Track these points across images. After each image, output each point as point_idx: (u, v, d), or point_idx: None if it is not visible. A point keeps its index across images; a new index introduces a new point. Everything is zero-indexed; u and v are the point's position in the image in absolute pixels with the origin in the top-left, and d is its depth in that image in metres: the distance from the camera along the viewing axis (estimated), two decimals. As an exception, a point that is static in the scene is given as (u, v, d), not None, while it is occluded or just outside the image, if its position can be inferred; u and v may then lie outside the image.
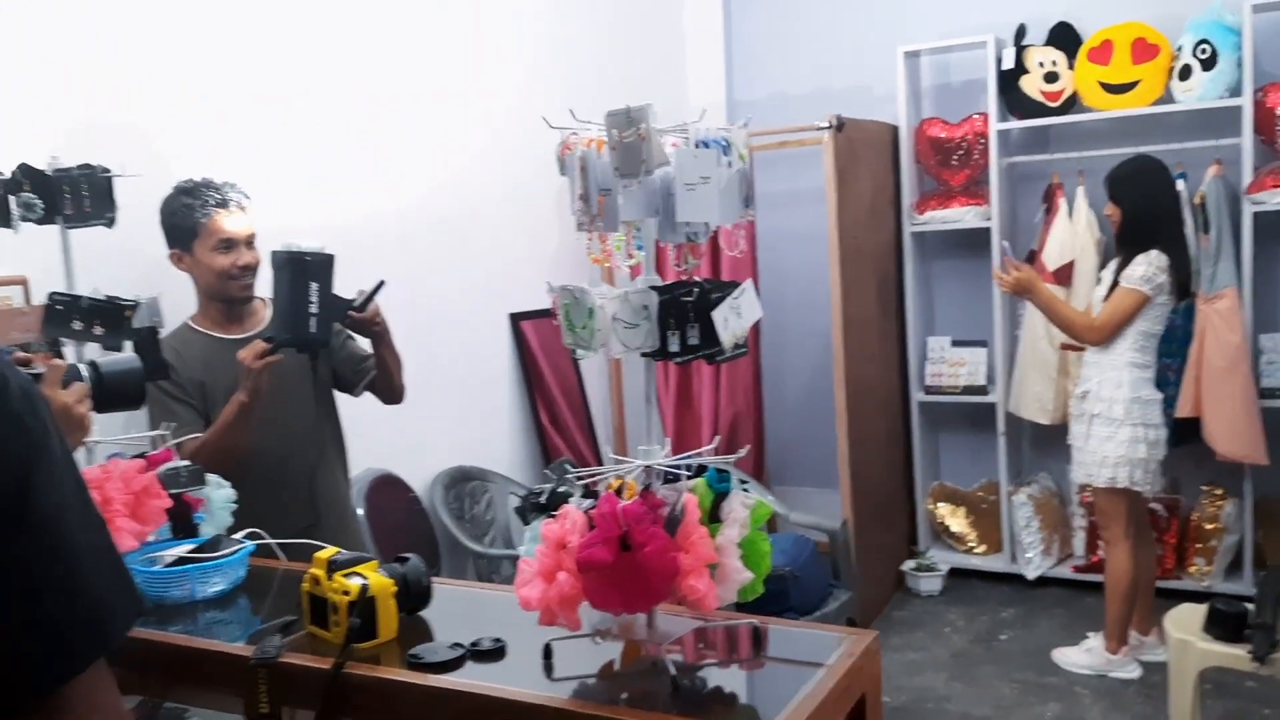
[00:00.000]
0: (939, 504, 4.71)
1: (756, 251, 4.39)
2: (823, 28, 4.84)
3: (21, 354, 1.85)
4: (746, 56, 5.02)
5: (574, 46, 4.21)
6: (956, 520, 4.69)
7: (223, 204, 2.33)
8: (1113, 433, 3.34)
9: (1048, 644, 3.78)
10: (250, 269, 2.38)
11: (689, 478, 1.46)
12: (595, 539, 1.34)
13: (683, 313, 1.38)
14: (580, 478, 1.48)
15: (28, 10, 2.35)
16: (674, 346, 1.39)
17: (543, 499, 1.51)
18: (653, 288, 1.39)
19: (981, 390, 4.53)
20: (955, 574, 4.51)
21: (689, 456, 1.47)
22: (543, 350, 3.97)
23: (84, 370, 1.58)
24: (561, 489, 1.52)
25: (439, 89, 3.55)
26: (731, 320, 1.40)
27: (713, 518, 1.43)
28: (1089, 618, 3.84)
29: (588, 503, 1.44)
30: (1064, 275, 4.17)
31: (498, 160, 3.74)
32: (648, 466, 1.44)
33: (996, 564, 4.51)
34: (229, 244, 2.35)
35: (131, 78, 2.58)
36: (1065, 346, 4.03)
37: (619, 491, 1.43)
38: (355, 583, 1.57)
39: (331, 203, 3.10)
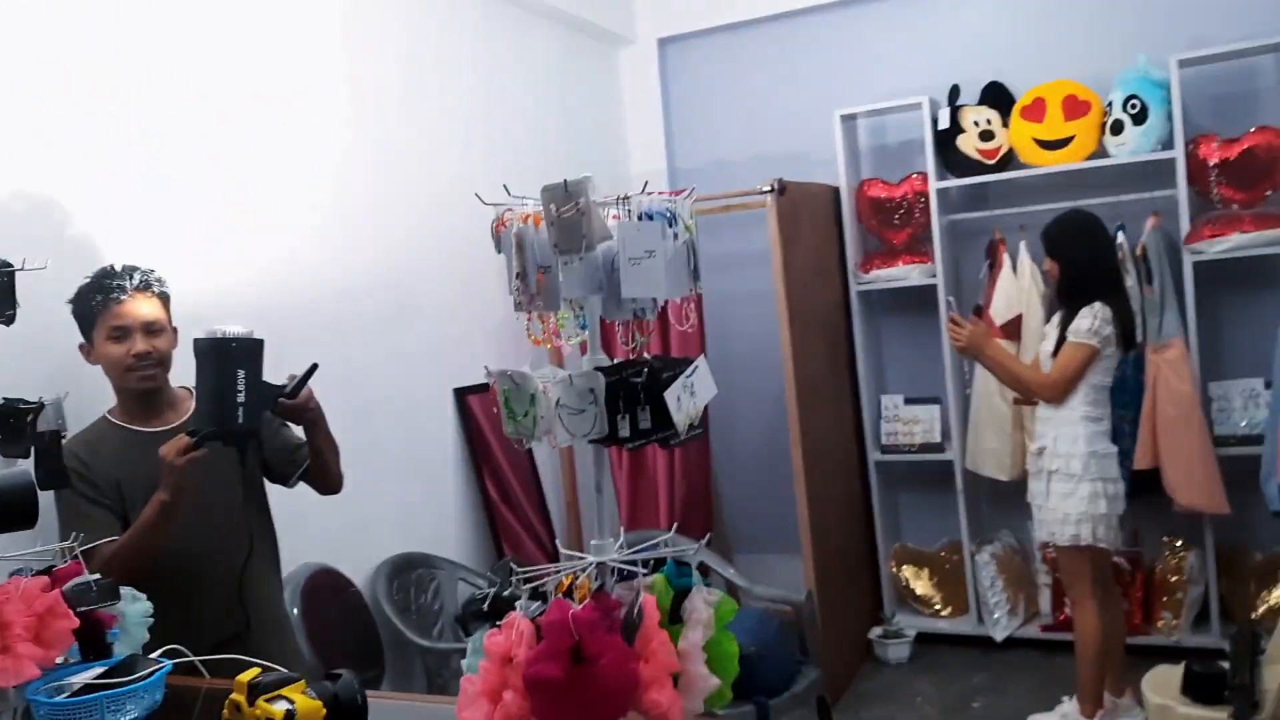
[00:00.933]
0: (903, 566, 4.62)
1: (704, 316, 4.32)
2: (759, 94, 4.85)
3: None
4: (685, 124, 5.02)
5: (512, 119, 4.15)
6: (921, 583, 4.59)
7: (120, 290, 2.19)
8: (1072, 489, 3.29)
9: (1020, 710, 3.67)
10: (149, 357, 2.22)
11: (646, 573, 1.35)
12: (544, 652, 1.21)
13: (632, 394, 1.27)
14: (527, 579, 1.35)
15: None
16: (624, 432, 1.28)
17: (485, 605, 1.38)
18: (599, 369, 1.29)
19: (938, 448, 4.48)
20: (923, 639, 4.40)
21: (645, 549, 1.36)
22: (490, 425, 3.83)
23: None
24: (506, 593, 1.38)
25: (373, 164, 3.45)
26: (685, 400, 1.30)
27: (673, 618, 1.31)
28: (1060, 679, 3.74)
29: (535, 606, 1.31)
30: (1012, 329, 4.15)
31: (436, 233, 3.63)
32: (601, 563, 1.32)
33: (964, 626, 4.41)
34: (123, 331, 2.19)
35: (42, 157, 2.44)
36: (1019, 401, 3.99)
37: (569, 592, 1.31)
38: (280, 708, 1.42)
39: (259, 285, 2.95)
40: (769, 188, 3.92)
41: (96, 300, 2.19)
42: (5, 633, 1.68)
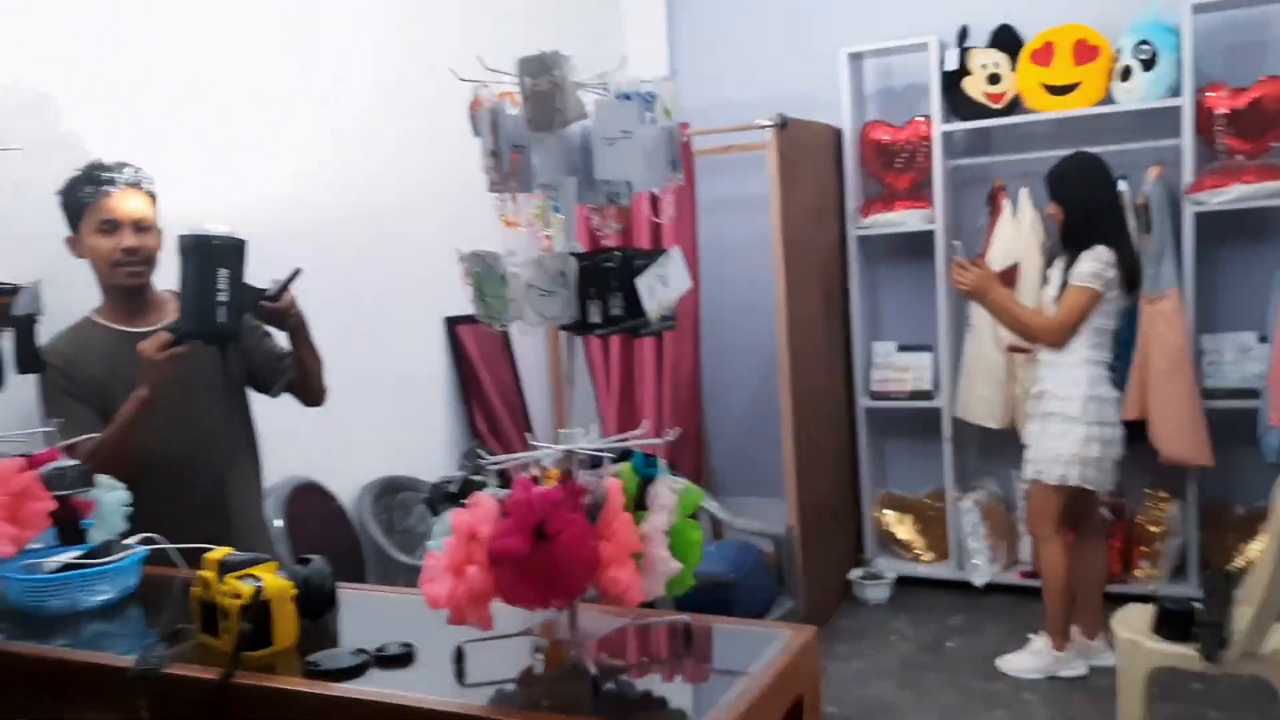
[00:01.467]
0: (886, 511, 4.64)
1: (697, 227, 4.30)
2: (765, 32, 4.79)
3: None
4: (690, 62, 4.95)
5: (509, 49, 4.08)
6: (903, 528, 4.62)
7: (109, 183, 2.17)
8: (1066, 429, 3.30)
9: (995, 651, 3.71)
10: (137, 254, 2.21)
11: (614, 462, 1.35)
12: (509, 528, 1.22)
13: (604, 281, 1.27)
14: (495, 464, 1.36)
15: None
16: (594, 317, 1.27)
17: (453, 488, 1.39)
18: (572, 255, 1.28)
19: (927, 395, 4.48)
20: (903, 582, 4.44)
21: (613, 441, 1.36)
22: (480, 356, 3.83)
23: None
24: (475, 477, 1.39)
25: (366, 82, 3.41)
26: (658, 289, 1.29)
27: (639, 505, 1.32)
28: (1036, 623, 3.78)
29: (503, 492, 1.32)
30: (1008, 278, 4.12)
31: (429, 158, 3.59)
32: (569, 452, 1.33)
33: (944, 571, 4.45)
34: (112, 225, 2.18)
35: (40, 52, 2.41)
36: (1011, 348, 3.98)
37: (536, 480, 1.31)
38: (248, 585, 1.43)
39: (248, 188, 2.92)
40: (770, 123, 3.88)
41: (86, 191, 2.17)
42: (-19, 511, 1.69)
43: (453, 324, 3.80)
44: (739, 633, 1.50)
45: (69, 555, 1.76)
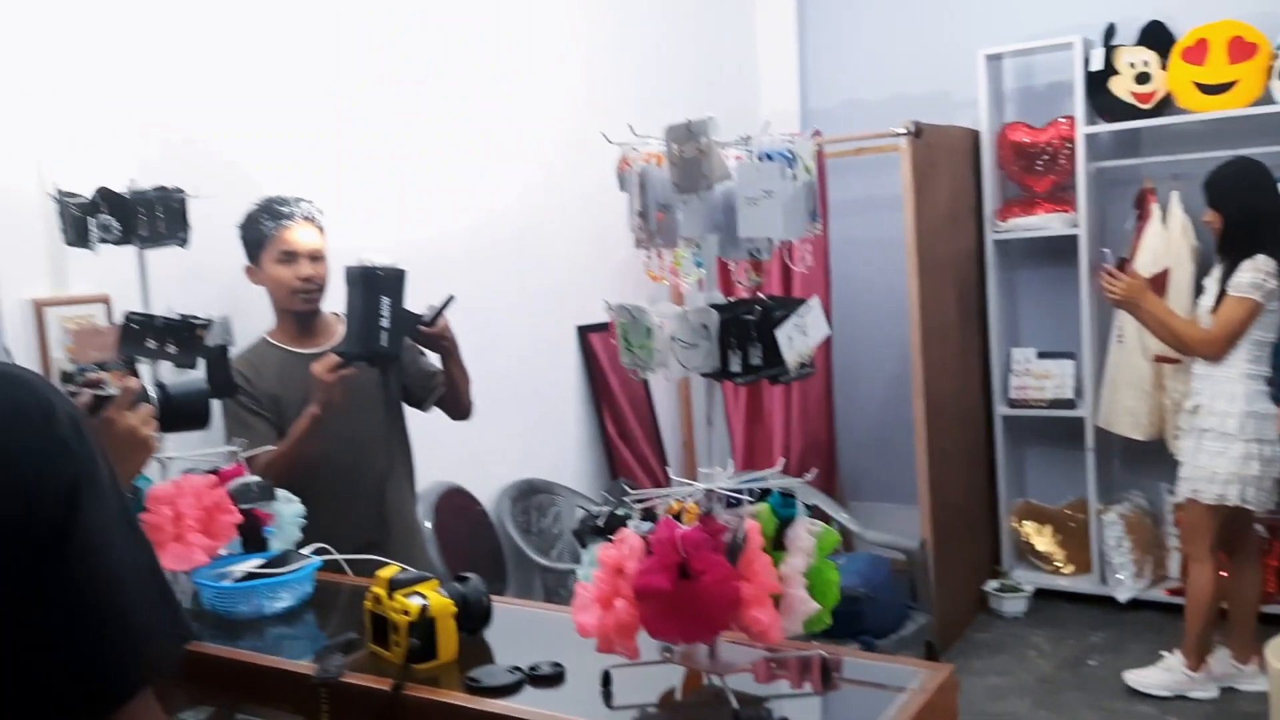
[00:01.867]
0: (1024, 522, 4.55)
1: (829, 261, 4.31)
2: (900, 32, 4.73)
3: (96, 374, 1.89)
4: (821, 63, 4.94)
5: (644, 55, 4.19)
6: (1043, 539, 4.52)
7: (288, 217, 2.36)
8: (1224, 448, 3.19)
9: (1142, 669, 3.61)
10: (311, 281, 2.40)
11: (753, 502, 1.42)
12: (653, 565, 1.31)
13: (744, 332, 1.33)
14: (639, 500, 1.44)
15: (109, 38, 2.41)
16: (735, 367, 1.34)
17: (600, 522, 1.48)
18: (714, 306, 1.35)
19: (1069, 404, 4.37)
20: (1041, 595, 4.35)
21: (752, 480, 1.43)
22: (611, 363, 3.95)
23: (152, 392, 1.60)
24: (619, 511, 1.48)
25: (506, 102, 3.55)
26: (797, 339, 1.35)
27: (777, 545, 1.38)
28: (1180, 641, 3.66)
29: (646, 526, 1.40)
30: (1157, 285, 3.98)
31: (565, 172, 3.72)
32: (709, 490, 1.40)
33: (1085, 585, 4.34)
34: (290, 256, 2.37)
35: (210, 101, 2.63)
36: (1160, 359, 3.86)
37: (678, 516, 1.39)
38: (415, 603, 1.56)
39: (403, 220, 3.12)
40: (904, 131, 3.85)
41: (267, 225, 2.37)
42: (178, 523, 1.88)
43: (584, 332, 3.93)
44: (878, 668, 1.54)
45: (252, 564, 1.94)
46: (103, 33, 2.40)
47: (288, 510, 2.08)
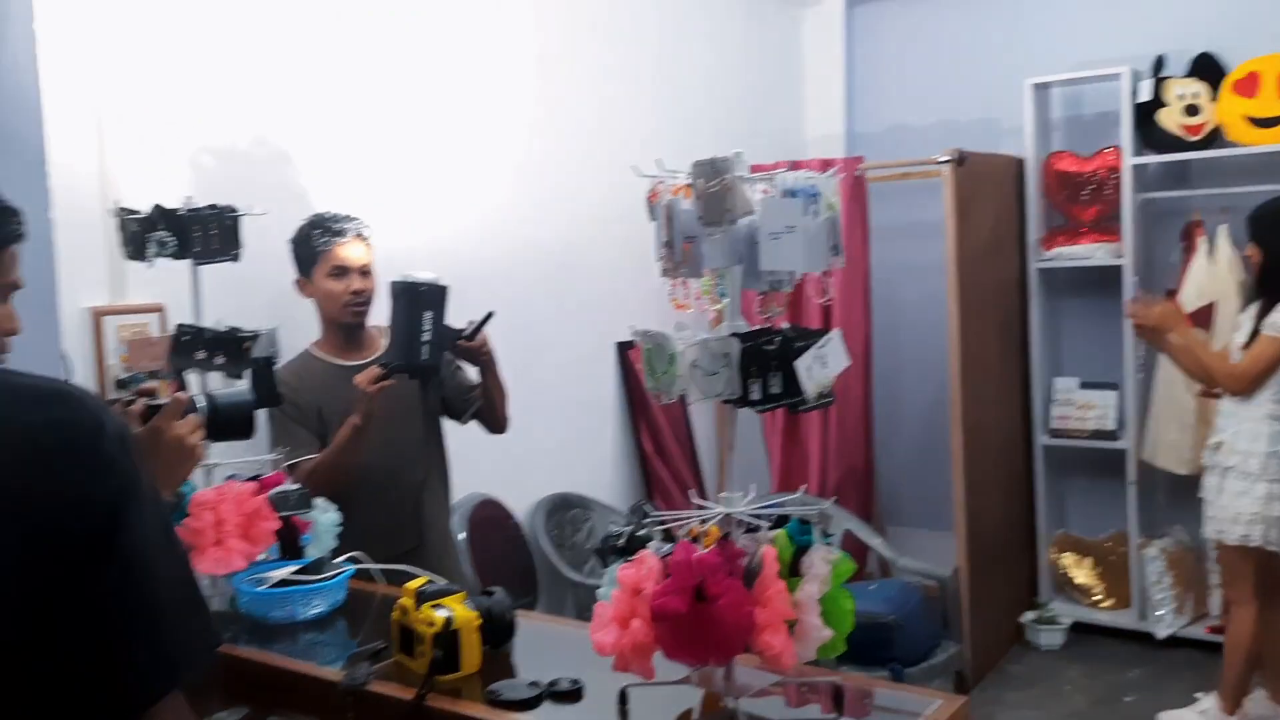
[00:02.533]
0: (1063, 554, 4.50)
1: (870, 285, 4.31)
2: (947, 59, 4.73)
3: (149, 384, 1.98)
4: (867, 88, 4.96)
5: (690, 79, 4.23)
6: (1082, 572, 4.47)
7: (340, 234, 2.44)
8: (1248, 488, 3.14)
9: (1176, 709, 3.56)
10: (361, 295, 2.48)
11: (771, 527, 1.45)
12: (670, 588, 1.34)
13: (764, 361, 1.36)
14: (660, 522, 1.48)
15: (169, 63, 2.51)
16: (755, 394, 1.37)
17: (621, 541, 1.52)
18: (735, 335, 1.38)
19: (1111, 435, 4.32)
20: (1078, 629, 4.29)
21: (771, 506, 1.45)
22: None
23: (200, 402, 1.66)
24: (641, 532, 1.52)
25: (551, 124, 3.62)
26: (816, 370, 1.38)
27: (793, 571, 1.41)
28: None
29: (666, 548, 1.44)
30: (1202, 318, 3.94)
31: (607, 191, 3.75)
32: (728, 515, 1.43)
33: (1124, 620, 4.28)
34: (342, 271, 2.45)
35: (262, 120, 2.72)
36: (1204, 394, 3.80)
37: (697, 539, 1.43)
38: (441, 615, 1.60)
39: (446, 236, 3.19)
40: (947, 158, 3.86)
41: (320, 241, 2.45)
42: (219, 528, 1.95)
43: (623, 349, 3.97)
44: (893, 697, 1.56)
45: (288, 570, 2.00)
46: (163, 57, 2.50)
47: (325, 518, 2.14)
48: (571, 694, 1.52)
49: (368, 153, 2.98)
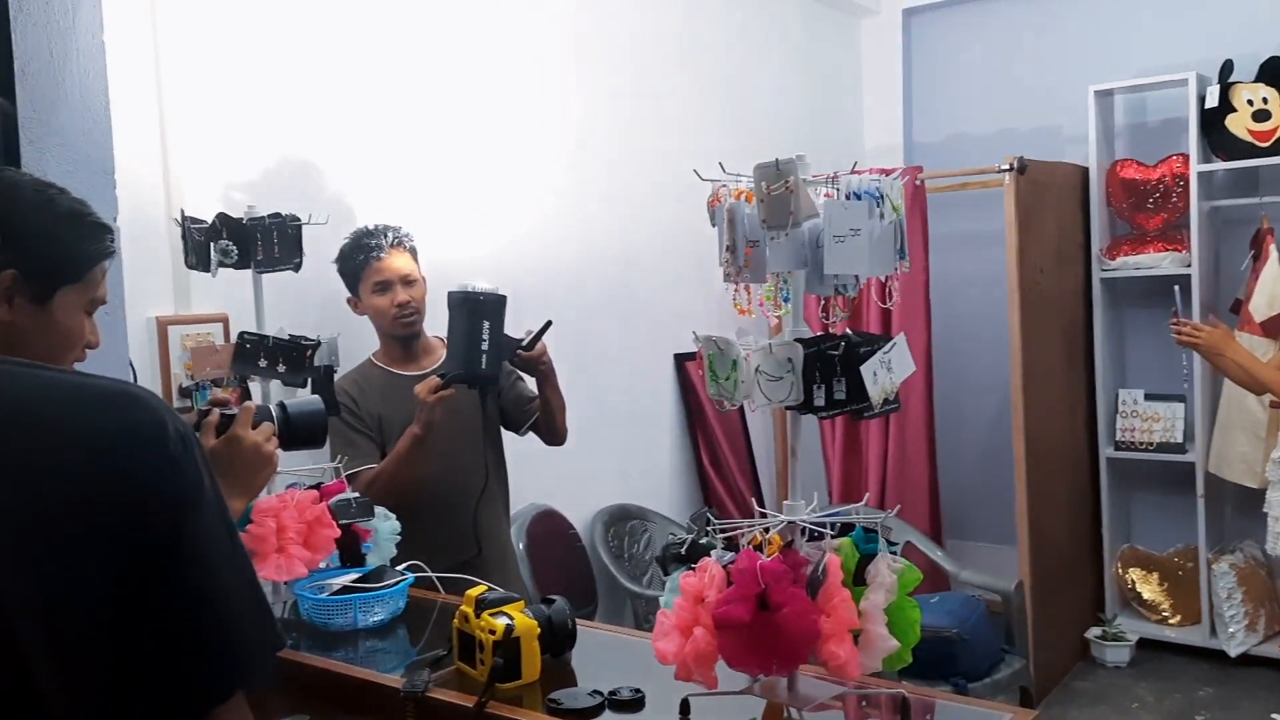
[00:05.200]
0: (1130, 569, 4.38)
1: (930, 296, 4.25)
2: (1008, 67, 4.67)
3: (220, 394, 2.01)
4: (927, 97, 4.90)
5: (750, 88, 4.23)
6: (1149, 587, 4.35)
7: (377, 248, 2.46)
8: (1314, 504, 3.04)
9: (1251, 731, 3.45)
10: (408, 306, 2.49)
11: (835, 536, 1.42)
12: (732, 596, 1.32)
13: (829, 366, 1.34)
14: (722, 530, 1.46)
15: (228, 73, 2.56)
16: (819, 400, 1.35)
17: (683, 550, 1.50)
18: (799, 340, 1.37)
19: (1178, 448, 4.21)
20: (1146, 645, 4.18)
21: (835, 514, 1.43)
22: (706, 392, 3.96)
23: (273, 410, 1.68)
24: (702, 540, 1.50)
25: (611, 137, 3.63)
26: (881, 375, 1.35)
27: (858, 580, 1.38)
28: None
29: (728, 556, 1.42)
30: (1274, 327, 3.83)
31: (668, 203, 3.77)
32: (791, 523, 1.41)
33: (1193, 637, 4.15)
34: (385, 285, 2.47)
35: (321, 131, 2.76)
36: (1276, 405, 3.69)
37: (760, 547, 1.41)
38: (501, 622, 1.60)
39: (504, 246, 3.21)
40: (1008, 167, 3.80)
41: (359, 259, 2.48)
42: (281, 535, 1.97)
43: (681, 360, 3.96)
44: (958, 711, 1.52)
45: (349, 578, 2.02)
46: (227, 69, 2.55)
47: (384, 527, 2.16)
48: (633, 703, 1.51)
49: (426, 162, 3.01)
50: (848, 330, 1.41)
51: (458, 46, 3.11)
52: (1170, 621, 4.27)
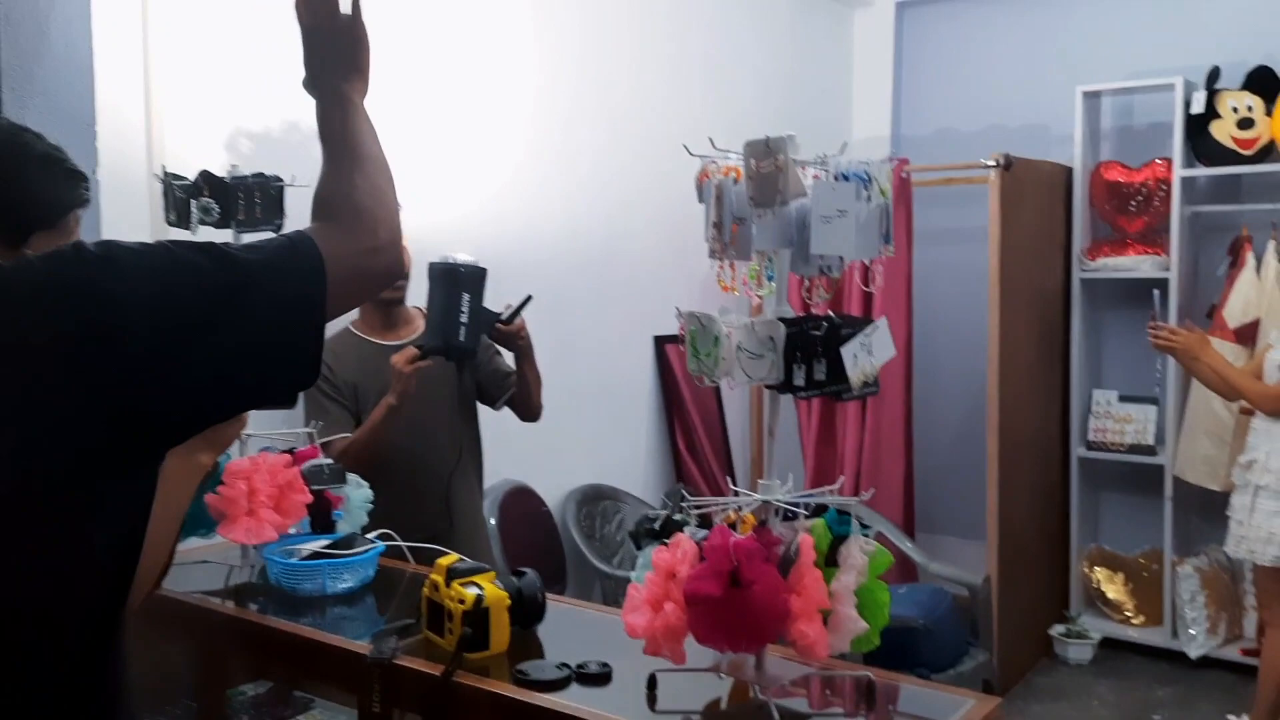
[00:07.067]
0: (1095, 568, 4.43)
1: (912, 288, 4.27)
2: (998, 64, 4.68)
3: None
4: (916, 91, 4.91)
5: (738, 75, 4.21)
6: (1113, 587, 4.40)
7: None
8: (1279, 507, 3.08)
9: (1207, 731, 3.50)
10: None
11: (808, 517, 1.42)
12: (704, 571, 1.32)
13: (810, 346, 1.34)
14: (696, 507, 1.46)
15: (215, 32, 2.53)
16: (799, 380, 1.35)
17: (657, 525, 1.50)
18: (782, 320, 1.36)
19: (1149, 450, 4.25)
20: (1108, 644, 4.23)
21: (809, 495, 1.43)
22: (684, 375, 3.96)
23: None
24: (677, 516, 1.50)
25: (598, 117, 3.61)
26: (861, 358, 1.36)
27: (829, 561, 1.38)
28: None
29: (701, 533, 1.42)
30: (1246, 334, 3.87)
31: (651, 184, 3.76)
32: (766, 502, 1.41)
33: (1155, 638, 4.20)
34: None
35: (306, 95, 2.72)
36: (1246, 411, 3.72)
37: (734, 525, 1.41)
38: (471, 592, 1.59)
39: (486, 219, 3.19)
40: (994, 163, 3.81)
41: None
42: (251, 498, 1.96)
43: (661, 342, 3.96)
44: (924, 695, 1.53)
45: (319, 544, 2.00)
46: (214, 28, 2.52)
47: (357, 495, 2.14)
48: (600, 677, 1.51)
49: (411, 133, 2.98)
50: (829, 312, 1.41)
51: (449, 19, 3.08)
52: (1133, 621, 4.32)
